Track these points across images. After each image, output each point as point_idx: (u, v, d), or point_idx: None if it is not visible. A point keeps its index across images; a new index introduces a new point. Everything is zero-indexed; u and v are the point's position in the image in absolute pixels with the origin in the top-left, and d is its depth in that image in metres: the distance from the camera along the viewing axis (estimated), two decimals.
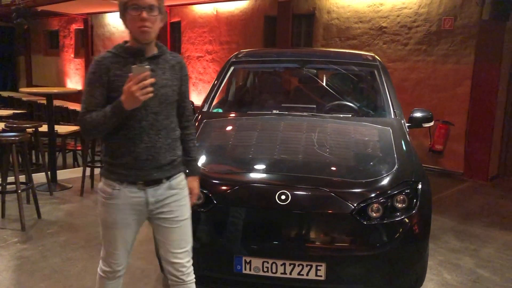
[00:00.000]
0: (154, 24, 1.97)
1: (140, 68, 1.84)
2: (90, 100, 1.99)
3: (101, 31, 13.83)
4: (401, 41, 7.27)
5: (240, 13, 9.80)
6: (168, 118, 2.08)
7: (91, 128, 1.97)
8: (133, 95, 1.84)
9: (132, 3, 1.92)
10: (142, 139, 2.00)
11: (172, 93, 2.08)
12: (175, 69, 2.11)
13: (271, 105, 3.92)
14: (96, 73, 1.99)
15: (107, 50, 2.06)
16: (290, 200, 2.55)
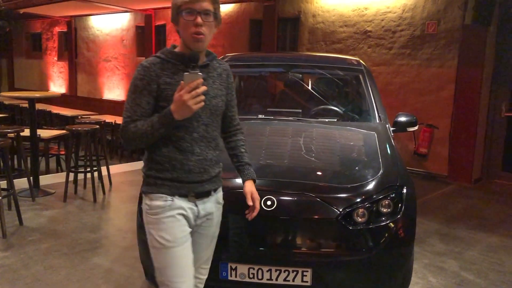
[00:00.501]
0: (208, 30, 1.84)
1: (192, 76, 1.72)
2: (135, 108, 1.84)
3: (85, 34, 13.70)
4: (385, 45, 7.33)
5: (226, 16, 9.78)
6: (217, 129, 1.99)
7: (135, 138, 1.83)
8: (185, 104, 1.70)
9: (186, 6, 1.80)
10: (194, 151, 1.89)
11: (221, 104, 1.97)
12: (222, 77, 2.00)
13: (256, 109, 3.91)
14: (144, 79, 1.84)
15: (154, 55, 1.92)
16: (275, 205, 2.53)
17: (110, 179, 5.96)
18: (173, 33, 10.93)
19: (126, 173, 6.75)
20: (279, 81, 4.85)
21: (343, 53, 7.67)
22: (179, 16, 1.83)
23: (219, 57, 4.40)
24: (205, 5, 1.80)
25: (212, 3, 1.83)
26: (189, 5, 1.79)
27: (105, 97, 13.23)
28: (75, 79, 14.34)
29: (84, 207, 5.02)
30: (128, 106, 1.87)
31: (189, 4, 1.79)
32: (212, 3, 1.83)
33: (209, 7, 1.81)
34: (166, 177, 1.89)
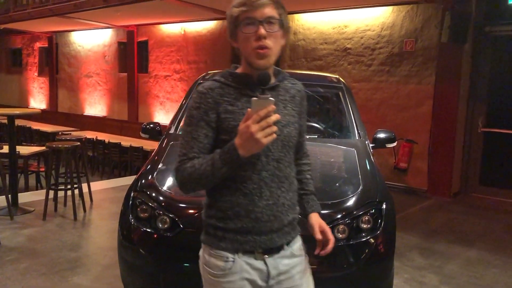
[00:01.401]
0: (274, 43, 1.50)
1: (262, 101, 1.34)
2: (191, 144, 1.52)
3: (66, 49, 13.62)
4: (365, 62, 7.48)
5: (208, 33, 9.87)
6: (290, 165, 1.61)
7: (192, 180, 1.49)
8: (252, 137, 1.33)
9: (245, 16, 1.48)
10: (262, 194, 1.52)
11: (295, 133, 1.61)
12: (295, 100, 1.65)
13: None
14: (201, 108, 1.53)
15: (212, 78, 1.59)
16: None
17: (91, 196, 5.89)
18: (155, 49, 10.98)
19: (107, 190, 6.69)
20: None
21: (323, 70, 7.79)
22: (237, 31, 1.52)
23: (201, 73, 4.44)
24: (268, 12, 1.48)
25: (277, 8, 1.51)
26: (248, 13, 1.47)
27: (86, 113, 13.13)
28: (56, 95, 14.21)
29: (64, 225, 4.95)
30: (183, 141, 1.55)
31: (248, 13, 1.47)
32: (276, 8, 1.51)
33: (273, 14, 1.49)
34: (228, 228, 1.54)
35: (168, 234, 2.62)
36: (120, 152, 9.46)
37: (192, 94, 1.56)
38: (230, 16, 1.53)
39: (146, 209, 2.75)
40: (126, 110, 11.76)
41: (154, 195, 2.79)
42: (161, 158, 3.17)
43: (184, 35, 10.34)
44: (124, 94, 11.80)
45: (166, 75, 10.86)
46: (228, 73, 1.59)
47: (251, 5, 1.47)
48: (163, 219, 2.65)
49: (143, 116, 11.33)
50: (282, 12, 1.53)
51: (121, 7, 8.59)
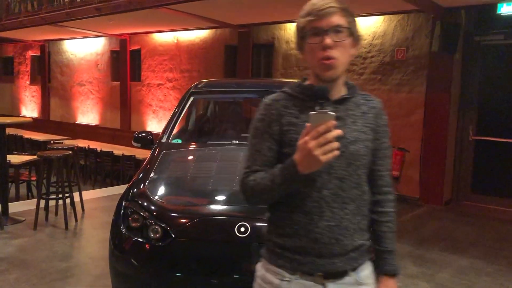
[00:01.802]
0: (342, 52, 1.41)
1: (321, 116, 1.26)
2: (255, 156, 1.47)
3: (58, 58, 13.59)
4: (357, 70, 7.53)
5: (201, 42, 9.89)
6: (358, 186, 1.47)
7: (254, 194, 1.45)
8: (310, 153, 1.26)
9: (312, 26, 1.40)
10: (323, 214, 1.42)
11: (365, 151, 1.47)
12: (367, 116, 1.51)
13: (231, 135, 3.94)
14: (265, 120, 1.48)
15: (281, 90, 1.54)
16: (249, 232, 2.55)
17: (82, 206, 5.85)
18: (148, 58, 10.99)
19: (99, 199, 6.65)
20: (253, 107, 4.91)
21: None
22: (303, 42, 1.44)
23: (194, 82, 4.46)
24: (335, 20, 1.39)
25: (345, 15, 1.41)
26: (314, 23, 1.40)
27: (78, 122, 13.08)
28: (48, 103, 14.15)
29: (55, 235, 4.90)
30: (248, 153, 1.51)
31: (314, 23, 1.40)
32: (344, 16, 1.41)
33: (340, 22, 1.40)
34: (286, 246, 1.46)
35: (160, 243, 2.61)
36: (113, 161, 9.42)
37: (259, 106, 1.54)
38: (297, 27, 1.46)
39: (137, 218, 2.74)
40: (119, 119, 11.73)
41: (146, 205, 2.79)
42: (153, 167, 3.17)
43: (177, 44, 10.36)
44: (117, 102, 11.77)
45: (159, 84, 10.86)
46: (296, 85, 1.53)
47: (317, 14, 1.39)
48: (154, 229, 2.65)
49: (135, 125, 11.31)
50: (351, 19, 1.43)
51: (114, 16, 8.61)
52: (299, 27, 1.45)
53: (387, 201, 1.57)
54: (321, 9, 1.39)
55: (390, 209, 1.58)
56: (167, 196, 2.90)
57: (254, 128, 1.50)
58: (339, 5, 1.41)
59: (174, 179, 3.12)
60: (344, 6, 1.42)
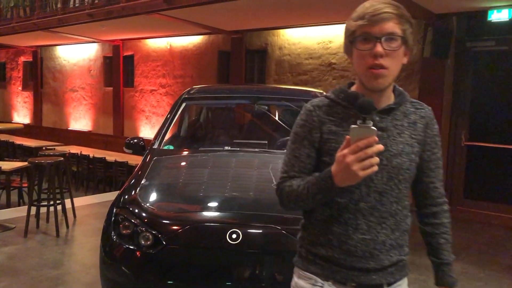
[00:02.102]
0: (393, 62, 1.33)
1: (362, 130, 1.21)
2: (293, 162, 1.44)
3: (51, 63, 13.54)
4: (349, 76, 7.54)
5: (194, 47, 9.89)
6: (399, 201, 1.41)
7: (290, 201, 1.42)
8: (348, 168, 1.21)
9: (363, 31, 1.31)
10: (358, 227, 1.38)
11: (409, 165, 1.40)
12: (416, 127, 1.44)
13: (223, 141, 3.93)
14: (305, 126, 1.43)
15: (324, 95, 1.49)
16: (241, 239, 2.54)
17: (74, 212, 5.80)
18: (141, 63, 10.96)
19: (91, 205, 6.60)
20: (246, 112, 4.91)
21: (309, 85, 7.84)
22: (352, 46, 1.36)
23: (187, 87, 4.45)
24: (389, 27, 1.30)
25: (400, 22, 1.32)
26: (366, 28, 1.31)
27: (71, 128, 13.01)
28: (40, 109, 14.07)
29: (46, 242, 4.85)
30: (286, 158, 1.47)
31: (365, 28, 1.31)
32: (399, 23, 1.32)
33: (394, 29, 1.31)
34: (318, 254, 1.44)
35: (151, 251, 2.59)
36: (105, 167, 9.37)
37: (301, 110, 1.49)
38: (346, 30, 1.38)
39: (128, 225, 2.72)
40: (112, 125, 11.68)
41: (137, 211, 2.77)
42: (144, 174, 3.15)
43: (170, 50, 10.35)
44: (110, 108, 11.73)
45: (152, 90, 10.83)
46: (340, 90, 1.45)
47: (370, 19, 1.29)
48: (145, 236, 2.63)
49: (128, 131, 11.26)
50: (407, 27, 1.34)
51: (106, 22, 8.59)
52: (349, 30, 1.36)
53: (442, 212, 1.54)
54: (375, 14, 1.29)
55: (446, 220, 1.54)
56: (158, 203, 2.88)
57: (294, 133, 1.46)
58: (394, 10, 1.31)
59: (165, 186, 3.10)
60: (400, 12, 1.32)
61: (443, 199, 1.54)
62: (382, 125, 1.37)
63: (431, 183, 1.51)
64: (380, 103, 1.39)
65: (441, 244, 1.52)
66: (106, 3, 8.37)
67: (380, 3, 1.32)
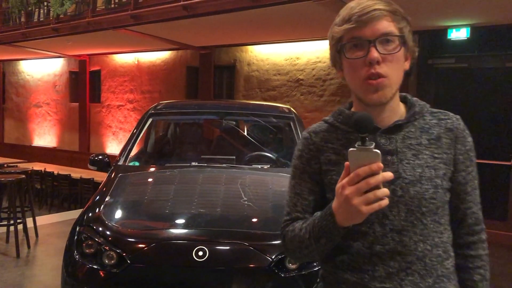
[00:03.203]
0: (393, 68, 1.09)
1: (361, 153, 0.97)
2: (294, 200, 1.21)
3: (14, 78, 13.20)
4: (317, 92, 7.67)
5: (162, 63, 9.85)
6: (427, 239, 1.11)
7: (295, 249, 1.18)
8: (348, 202, 0.98)
9: (352, 36, 1.09)
10: (375, 274, 1.10)
11: (433, 193, 1.11)
12: (441, 142, 1.15)
13: (190, 157, 3.90)
14: (303, 157, 1.22)
15: (322, 119, 1.26)
16: (207, 256, 2.50)
17: (36, 232, 5.61)
18: (108, 79, 10.83)
19: (55, 224, 6.40)
20: (214, 128, 4.91)
21: (277, 100, 7.91)
22: (341, 56, 1.13)
23: (155, 103, 4.42)
24: (383, 26, 1.08)
25: (395, 20, 1.10)
26: (355, 32, 1.08)
27: (35, 144, 12.66)
28: (2, 125, 13.65)
29: (5, 264, 4.66)
30: (287, 197, 1.24)
31: (354, 31, 1.08)
32: (394, 21, 1.09)
33: (389, 29, 1.08)
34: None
35: (115, 270, 2.52)
36: (70, 184, 9.14)
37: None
38: (331, 38, 1.14)
39: (91, 244, 2.64)
40: (77, 141, 11.44)
41: (101, 230, 2.69)
42: (108, 191, 3.08)
43: (138, 65, 10.27)
44: (76, 124, 11.49)
45: (119, 105, 10.69)
46: (339, 111, 1.22)
47: (358, 20, 1.07)
48: (109, 255, 2.56)
49: (95, 147, 11.04)
50: (404, 25, 1.11)
51: (72, 37, 8.47)
52: (335, 38, 1.12)
53: (479, 242, 1.21)
54: (363, 13, 1.07)
55: (483, 251, 1.21)
56: (123, 221, 2.82)
57: (292, 166, 1.24)
58: (386, 6, 1.08)
59: (130, 203, 3.04)
60: (393, 7, 1.10)
61: (481, 225, 1.21)
62: (390, 147, 1.12)
63: (469, 208, 1.19)
64: (384, 120, 1.14)
65: (476, 281, 1.19)
66: (72, 18, 8.25)
67: (368, 0, 1.09)
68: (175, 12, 6.44)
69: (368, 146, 0.96)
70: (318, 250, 1.13)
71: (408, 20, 1.12)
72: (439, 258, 1.12)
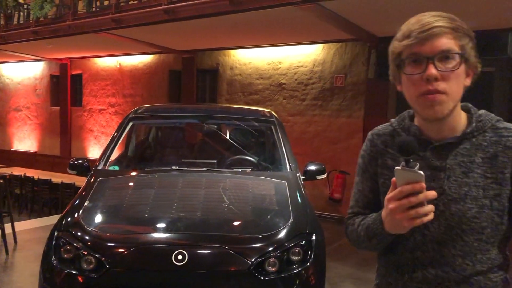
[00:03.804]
0: (452, 85, 1.10)
1: (406, 173, 1.03)
2: (357, 196, 1.32)
3: None
4: (299, 96, 7.72)
5: (144, 66, 9.81)
6: (467, 256, 1.14)
7: (353, 241, 1.31)
8: (393, 216, 1.07)
9: (410, 51, 1.11)
10: (414, 275, 1.19)
11: (476, 213, 1.13)
12: (496, 162, 1.14)
13: (170, 161, 3.90)
14: (365, 157, 1.30)
15: (390, 121, 1.31)
16: (187, 260, 2.51)
17: (15, 237, 5.52)
18: (90, 82, 10.74)
19: (34, 229, 6.30)
20: (195, 132, 4.90)
21: (260, 104, 7.95)
22: (400, 71, 1.16)
23: (135, 108, 4.41)
24: (442, 44, 1.08)
25: (456, 37, 1.10)
26: (414, 48, 1.10)
27: (15, 148, 12.46)
28: None
29: None
30: (353, 192, 1.35)
31: (414, 47, 1.10)
32: (455, 38, 1.09)
33: (449, 46, 1.09)
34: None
35: (94, 275, 2.51)
36: (51, 189, 9.01)
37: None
38: (391, 53, 1.16)
39: (70, 249, 2.63)
40: (59, 145, 11.30)
41: (80, 234, 2.68)
42: (88, 196, 3.06)
43: (120, 69, 10.21)
44: (57, 128, 11.35)
45: (101, 109, 10.61)
46: (403, 117, 1.27)
47: (418, 36, 1.08)
48: (88, 260, 2.55)
49: (76, 151, 10.93)
50: (466, 42, 1.10)
51: (53, 40, 8.38)
52: (394, 53, 1.15)
53: None
54: (423, 30, 1.08)
55: None
56: (102, 225, 2.80)
57: (358, 164, 1.33)
58: (447, 23, 1.09)
59: (109, 208, 3.02)
60: (455, 24, 1.10)
61: None
62: (437, 163, 1.15)
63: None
64: (441, 134, 1.17)
65: None
66: (52, 21, 8.17)
67: (430, 16, 1.10)
68: (157, 16, 6.44)
69: (411, 167, 1.02)
70: (371, 247, 1.24)
71: (471, 36, 1.12)
72: (482, 274, 1.15)
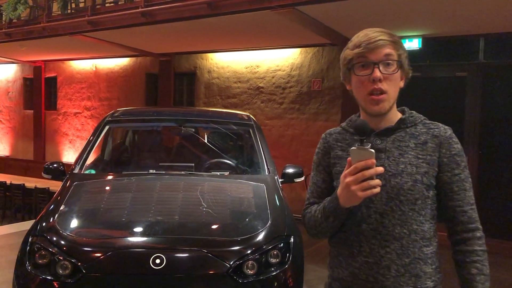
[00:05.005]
0: (391, 86, 1.40)
1: (360, 152, 1.27)
2: (312, 188, 1.54)
3: None
4: (277, 100, 7.76)
5: (121, 70, 9.71)
6: (405, 224, 1.36)
7: (311, 227, 1.49)
8: (348, 188, 1.28)
9: (360, 57, 1.38)
10: (361, 249, 1.39)
11: (411, 186, 1.36)
12: (427, 146, 1.40)
13: (148, 164, 3.87)
14: (319, 153, 1.55)
15: (340, 124, 1.59)
16: (165, 263, 2.49)
17: None
18: (65, 85, 10.57)
19: (7, 236, 6.15)
20: (173, 135, 4.88)
21: (238, 107, 7.96)
22: (350, 73, 1.43)
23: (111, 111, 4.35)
24: (385, 51, 1.37)
25: (395, 48, 1.39)
26: (363, 55, 1.38)
27: None
28: None
29: None
30: (309, 185, 1.57)
31: (364, 55, 1.38)
32: (394, 49, 1.39)
33: (389, 51, 1.38)
34: (334, 276, 1.48)
35: (70, 280, 2.47)
36: (24, 194, 8.82)
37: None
38: (343, 59, 1.44)
39: (45, 254, 2.58)
40: (32, 149, 11.07)
41: (55, 239, 2.64)
42: (63, 200, 3.01)
43: (96, 72, 10.08)
44: (30, 132, 11.13)
45: (76, 112, 10.45)
46: (351, 118, 1.54)
47: (367, 46, 1.37)
48: (63, 265, 2.51)
49: (50, 155, 10.72)
50: (402, 52, 1.41)
51: (26, 42, 8.22)
52: (346, 59, 1.42)
53: (473, 239, 1.39)
54: (371, 41, 1.37)
55: (479, 247, 1.38)
56: (78, 230, 2.76)
57: (313, 161, 1.57)
58: (389, 38, 1.39)
59: (86, 212, 2.98)
60: (394, 38, 1.40)
61: (475, 224, 1.40)
62: (381, 146, 1.41)
63: (458, 207, 1.40)
64: (382, 127, 1.44)
65: (473, 274, 1.36)
66: (26, 22, 8.02)
67: (375, 31, 1.39)
68: (134, 19, 6.39)
69: (365, 146, 1.28)
70: (328, 227, 1.43)
71: (404, 49, 1.43)
72: (416, 243, 1.37)
